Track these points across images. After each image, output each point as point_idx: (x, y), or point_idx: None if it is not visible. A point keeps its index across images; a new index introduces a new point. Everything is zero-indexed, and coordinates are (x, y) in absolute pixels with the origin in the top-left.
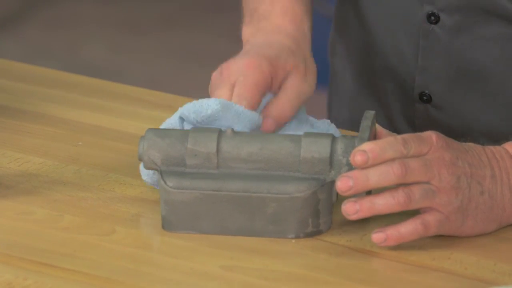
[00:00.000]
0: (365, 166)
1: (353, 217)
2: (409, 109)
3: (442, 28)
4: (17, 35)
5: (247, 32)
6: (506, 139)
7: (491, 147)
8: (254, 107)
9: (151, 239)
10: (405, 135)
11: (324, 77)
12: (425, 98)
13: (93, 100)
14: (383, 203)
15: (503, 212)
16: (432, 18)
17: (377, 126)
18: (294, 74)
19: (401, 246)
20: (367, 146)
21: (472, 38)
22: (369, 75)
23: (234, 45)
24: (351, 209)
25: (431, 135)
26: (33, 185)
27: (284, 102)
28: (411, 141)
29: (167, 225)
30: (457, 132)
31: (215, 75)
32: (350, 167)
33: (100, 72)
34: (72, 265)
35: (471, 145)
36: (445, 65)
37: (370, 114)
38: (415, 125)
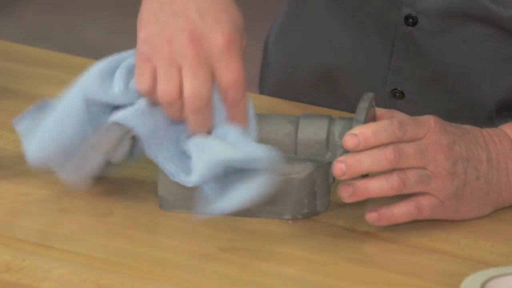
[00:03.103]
0: (356, 150)
1: (348, 200)
2: (378, 104)
3: (419, 31)
4: (16, 16)
5: None
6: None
7: (490, 130)
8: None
9: (149, 221)
10: (402, 118)
11: None
12: (397, 95)
13: None
14: (377, 187)
15: (499, 195)
16: (410, 20)
17: (382, 110)
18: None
19: (398, 228)
20: (358, 129)
21: (450, 40)
22: (327, 72)
23: None
24: (345, 192)
25: (429, 119)
26: (30, 166)
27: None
28: (408, 124)
29: (164, 204)
30: None
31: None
32: (346, 149)
33: (98, 53)
34: (69, 247)
35: (468, 127)
36: (421, 66)
37: (368, 96)
38: None
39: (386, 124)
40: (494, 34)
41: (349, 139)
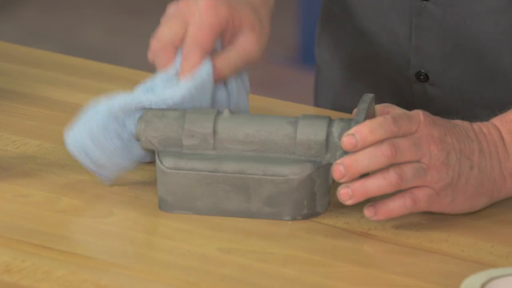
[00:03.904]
0: (355, 149)
1: (348, 203)
2: (406, 90)
3: (435, 4)
4: (15, 17)
5: None
6: (505, 109)
7: (478, 123)
8: (208, 49)
9: (149, 222)
10: (394, 114)
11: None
12: (421, 77)
13: (90, 83)
14: (375, 186)
15: (494, 185)
16: None
17: (378, 106)
18: (248, 32)
19: (398, 229)
20: (355, 129)
21: (466, 13)
22: (360, 62)
23: None
24: (345, 195)
25: (419, 113)
26: (30, 167)
27: (230, 59)
28: (401, 119)
29: (164, 205)
30: (457, 107)
31: (171, 7)
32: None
33: (98, 54)
34: (69, 248)
35: (457, 121)
36: (440, 42)
37: (367, 97)
38: (415, 105)
39: (381, 121)
40: (510, 5)
41: (347, 140)
